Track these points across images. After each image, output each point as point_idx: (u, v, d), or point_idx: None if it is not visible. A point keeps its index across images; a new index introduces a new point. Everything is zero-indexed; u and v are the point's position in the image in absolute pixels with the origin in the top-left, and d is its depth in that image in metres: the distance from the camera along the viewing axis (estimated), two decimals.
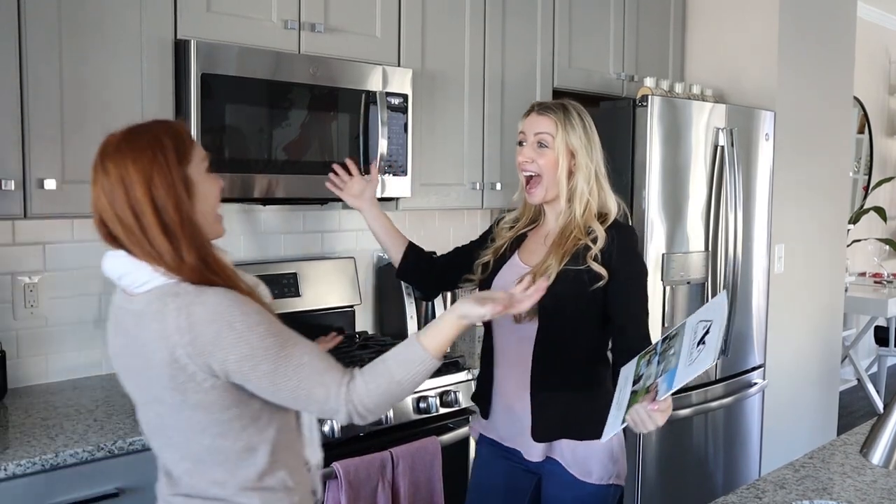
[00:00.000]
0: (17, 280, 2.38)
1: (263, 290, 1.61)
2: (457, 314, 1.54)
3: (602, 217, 2.03)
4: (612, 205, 2.06)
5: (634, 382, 1.66)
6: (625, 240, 2.01)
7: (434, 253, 2.41)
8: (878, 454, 1.35)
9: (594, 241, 1.97)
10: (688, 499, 3.31)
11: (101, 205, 1.42)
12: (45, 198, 2.07)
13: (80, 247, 2.48)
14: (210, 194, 1.49)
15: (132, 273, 1.43)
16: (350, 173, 2.39)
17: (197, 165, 1.47)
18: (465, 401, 2.61)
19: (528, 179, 2.05)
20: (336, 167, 2.41)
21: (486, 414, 2.14)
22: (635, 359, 1.68)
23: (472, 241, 2.32)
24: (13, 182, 2.02)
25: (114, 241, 1.44)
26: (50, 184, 2.07)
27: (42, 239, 2.42)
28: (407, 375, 1.49)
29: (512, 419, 2.06)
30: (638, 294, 2.03)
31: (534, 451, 2.03)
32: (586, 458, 1.99)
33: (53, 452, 1.85)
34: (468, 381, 2.64)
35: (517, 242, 2.13)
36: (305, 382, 1.42)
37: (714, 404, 3.38)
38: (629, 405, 1.64)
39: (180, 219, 1.41)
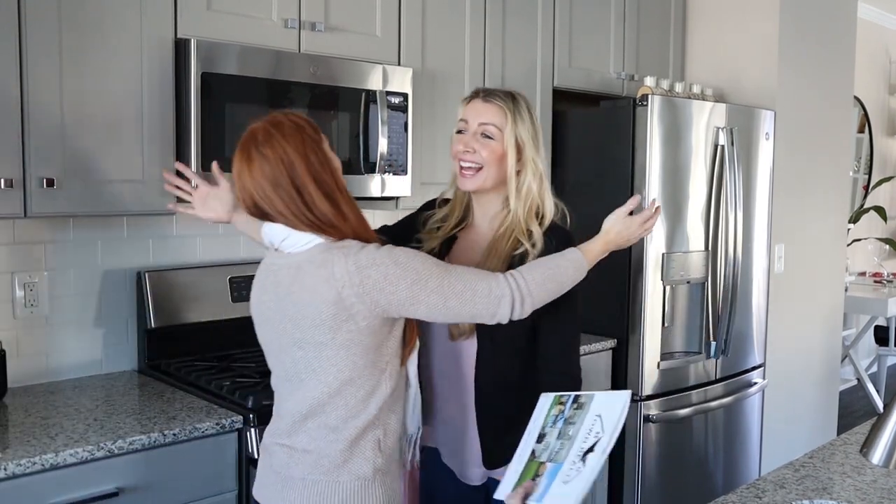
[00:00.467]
0: (17, 279, 2.38)
1: None
2: (604, 240, 1.87)
3: (538, 219, 1.87)
4: (550, 205, 1.90)
5: (539, 438, 1.59)
6: (564, 244, 1.84)
7: None
8: (877, 454, 1.35)
9: (533, 245, 1.83)
10: (688, 498, 3.31)
11: (263, 190, 1.58)
12: (46, 197, 2.07)
13: (80, 246, 2.48)
14: (339, 167, 1.67)
15: (294, 235, 1.60)
16: (188, 180, 2.02)
17: (326, 144, 1.65)
18: None
19: (464, 169, 1.88)
20: (167, 175, 2.06)
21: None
22: (552, 397, 1.62)
23: (388, 227, 2.13)
24: (13, 181, 2.02)
25: (267, 217, 1.61)
26: (51, 183, 2.07)
27: (42, 238, 2.42)
28: (563, 263, 1.76)
29: (450, 437, 1.92)
30: (568, 320, 1.86)
31: (474, 475, 1.90)
32: None
33: (53, 452, 1.85)
34: None
35: (446, 244, 1.96)
36: (471, 283, 1.63)
37: (714, 404, 3.38)
38: (522, 474, 1.54)
39: (337, 186, 1.62)
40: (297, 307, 1.59)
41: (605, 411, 1.53)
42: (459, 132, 1.91)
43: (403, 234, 2.02)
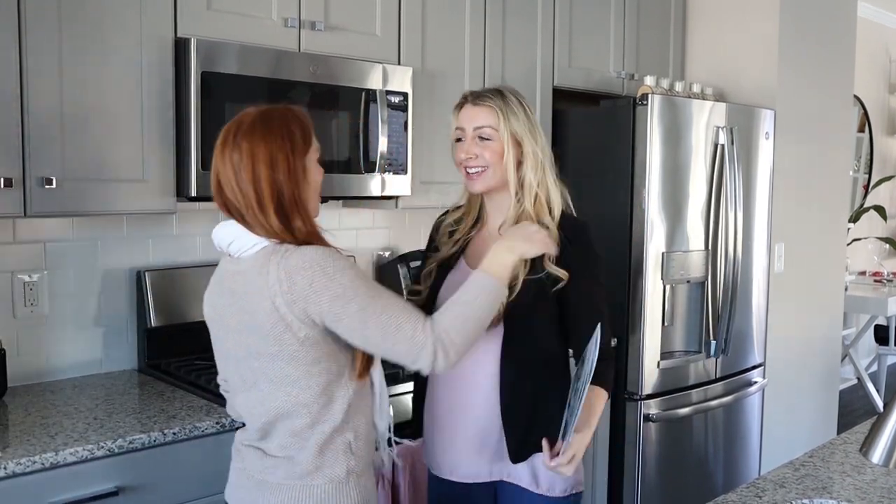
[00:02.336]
0: (17, 278, 2.38)
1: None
2: (505, 246, 1.70)
3: (548, 210, 1.90)
4: (556, 195, 1.91)
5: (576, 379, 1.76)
6: (578, 233, 1.90)
7: (418, 291, 2.09)
8: (877, 453, 1.35)
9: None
10: (688, 498, 3.31)
11: (227, 176, 1.55)
12: (45, 196, 2.07)
13: (80, 245, 2.48)
14: (316, 181, 1.63)
15: (241, 238, 1.57)
16: None
17: (312, 154, 1.61)
18: None
19: (471, 173, 1.91)
20: None
21: (418, 434, 2.03)
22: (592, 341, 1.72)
23: (423, 253, 2.16)
24: (13, 180, 2.02)
25: (229, 210, 1.59)
26: (50, 182, 2.07)
27: (42, 237, 2.42)
28: (474, 296, 1.62)
29: (472, 433, 1.92)
30: (598, 289, 1.91)
31: (485, 472, 1.91)
32: (549, 471, 1.81)
33: (53, 451, 1.85)
34: None
35: (463, 247, 1.99)
36: (393, 319, 1.53)
37: (714, 403, 3.38)
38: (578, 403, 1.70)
39: (294, 200, 1.56)
40: (249, 316, 1.55)
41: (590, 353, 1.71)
42: (459, 140, 1.94)
43: (429, 248, 2.10)
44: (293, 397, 1.57)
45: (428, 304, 1.92)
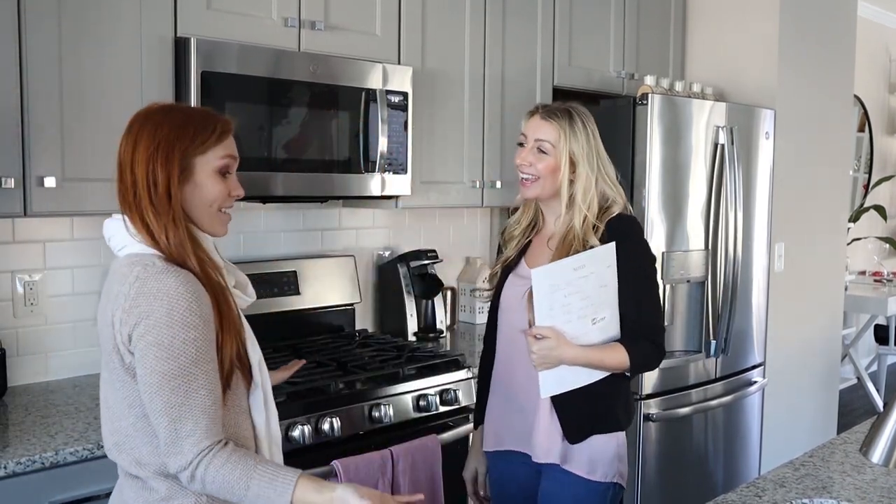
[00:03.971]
0: (16, 278, 2.38)
1: (249, 291, 1.64)
2: (338, 493, 1.43)
3: (606, 211, 2.00)
4: (618, 198, 2.03)
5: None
6: (625, 231, 1.98)
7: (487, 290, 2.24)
8: (877, 453, 1.35)
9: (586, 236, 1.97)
10: (688, 497, 3.31)
11: (118, 163, 1.49)
12: (45, 196, 2.07)
13: (79, 245, 2.48)
14: (211, 192, 1.51)
15: (116, 236, 1.51)
16: None
17: (209, 161, 1.49)
18: (464, 399, 2.61)
19: (524, 179, 2.04)
20: None
21: (481, 420, 2.16)
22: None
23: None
24: (13, 180, 2.02)
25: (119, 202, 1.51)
26: (50, 182, 2.07)
27: (42, 237, 2.42)
28: (257, 495, 1.40)
29: (518, 419, 2.04)
30: (642, 284, 1.99)
31: (547, 452, 1.99)
32: (592, 455, 1.97)
33: (53, 451, 1.85)
34: (468, 379, 2.64)
35: (523, 248, 2.12)
36: (186, 408, 1.38)
37: (714, 403, 3.38)
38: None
39: (167, 199, 1.45)
40: (101, 319, 1.47)
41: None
42: (521, 144, 2.06)
43: (499, 252, 2.21)
44: (131, 423, 1.45)
45: (494, 302, 2.12)
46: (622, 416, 2.04)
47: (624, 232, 1.98)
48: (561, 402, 1.96)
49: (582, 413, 1.97)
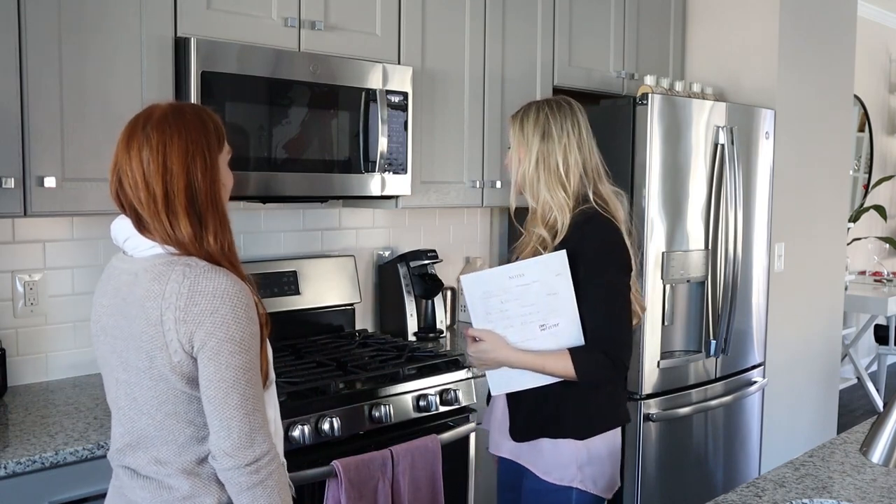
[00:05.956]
0: (17, 278, 2.38)
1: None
2: None
3: (577, 207, 1.96)
4: (545, 195, 1.97)
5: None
6: (587, 234, 1.92)
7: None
8: (877, 453, 1.35)
9: (543, 242, 1.95)
10: (688, 497, 3.31)
11: (132, 171, 1.41)
12: (45, 196, 2.07)
13: (79, 245, 2.48)
14: (228, 184, 1.51)
15: (138, 236, 1.44)
16: None
17: (224, 156, 1.50)
18: (464, 399, 2.61)
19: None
20: None
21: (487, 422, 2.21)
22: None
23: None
24: (13, 180, 2.02)
25: (124, 207, 1.45)
26: (50, 182, 2.07)
27: (42, 237, 2.42)
28: None
29: (500, 420, 2.10)
30: (597, 293, 1.90)
31: (497, 446, 2.09)
32: (545, 457, 1.97)
33: (53, 450, 1.85)
34: (468, 379, 2.64)
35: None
36: (258, 401, 1.40)
37: (714, 403, 3.38)
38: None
39: (212, 203, 1.42)
40: (126, 321, 1.42)
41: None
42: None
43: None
44: (156, 421, 1.43)
45: None
46: (579, 424, 1.95)
47: (585, 235, 1.92)
48: (515, 401, 2.00)
49: (529, 414, 1.98)
